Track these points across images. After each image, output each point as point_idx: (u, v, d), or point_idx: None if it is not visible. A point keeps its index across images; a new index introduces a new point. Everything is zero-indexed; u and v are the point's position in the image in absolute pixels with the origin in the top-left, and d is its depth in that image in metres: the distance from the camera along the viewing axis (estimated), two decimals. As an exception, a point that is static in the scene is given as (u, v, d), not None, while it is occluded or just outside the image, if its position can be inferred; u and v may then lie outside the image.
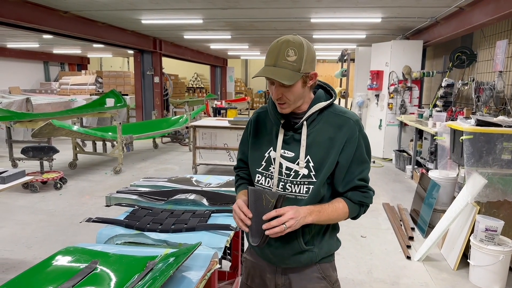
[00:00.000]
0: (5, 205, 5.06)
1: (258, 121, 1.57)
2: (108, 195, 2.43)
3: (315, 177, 1.42)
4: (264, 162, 1.49)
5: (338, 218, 1.47)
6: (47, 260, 1.62)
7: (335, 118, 1.45)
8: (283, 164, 1.45)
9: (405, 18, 6.91)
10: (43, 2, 6.20)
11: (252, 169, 1.54)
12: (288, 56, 1.33)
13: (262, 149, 1.51)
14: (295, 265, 1.52)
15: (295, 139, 1.45)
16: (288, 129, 1.46)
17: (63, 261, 1.61)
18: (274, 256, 1.52)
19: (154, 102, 11.03)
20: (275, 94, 1.38)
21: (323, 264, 1.55)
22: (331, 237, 1.56)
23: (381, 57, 8.09)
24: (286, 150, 1.46)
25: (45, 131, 5.73)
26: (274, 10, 6.61)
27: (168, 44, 11.58)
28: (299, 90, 1.39)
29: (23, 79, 15.25)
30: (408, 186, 6.16)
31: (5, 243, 3.88)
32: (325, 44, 11.51)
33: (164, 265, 1.50)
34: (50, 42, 11.70)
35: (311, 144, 1.42)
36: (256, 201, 1.35)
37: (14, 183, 2.95)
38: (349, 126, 1.42)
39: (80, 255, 1.64)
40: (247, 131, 1.61)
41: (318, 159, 1.42)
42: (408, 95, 7.87)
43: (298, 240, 1.47)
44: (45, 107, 9.88)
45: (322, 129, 1.43)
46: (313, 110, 1.44)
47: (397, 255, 3.74)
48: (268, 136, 1.51)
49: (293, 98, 1.39)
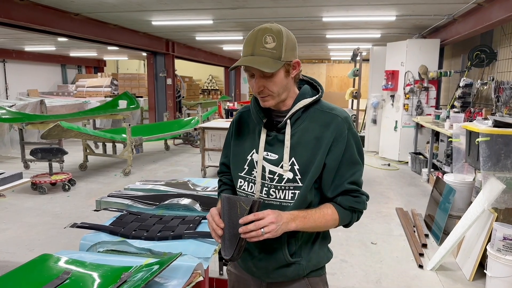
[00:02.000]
0: (14, 207, 5.07)
1: (240, 121, 1.43)
2: (98, 199, 2.34)
3: (300, 181, 1.28)
4: (247, 166, 1.36)
5: (326, 226, 1.32)
6: (20, 268, 1.53)
7: (321, 115, 1.31)
8: (266, 168, 1.32)
9: (421, 16, 6.67)
10: (54, 4, 6.23)
11: (234, 174, 1.41)
12: (266, 43, 1.20)
13: (245, 152, 1.37)
14: (281, 279, 1.38)
15: (278, 139, 1.31)
16: (271, 129, 1.32)
17: (35, 271, 1.51)
18: (257, 269, 1.39)
19: (167, 104, 11.03)
20: (256, 86, 1.25)
21: (312, 279, 1.40)
22: (321, 247, 1.41)
23: (396, 57, 7.84)
24: (269, 152, 1.32)
25: (54, 132, 5.74)
26: (284, 9, 6.47)
27: (181, 46, 11.57)
28: (282, 81, 1.26)
29: (42, 81, 15.51)
30: (423, 190, 5.91)
31: (8, 245, 3.85)
32: (339, 44, 11.29)
33: (138, 278, 1.38)
34: (65, 45, 11.84)
35: (295, 145, 1.29)
36: (230, 209, 1.22)
37: (9, 186, 2.90)
38: (337, 124, 1.28)
39: (54, 264, 1.55)
40: (229, 133, 1.47)
41: (304, 161, 1.28)
42: (425, 96, 7.60)
43: (283, 251, 1.33)
44: (59, 109, 10.00)
45: (308, 128, 1.30)
46: (298, 107, 1.30)
47: (409, 264, 3.55)
48: (251, 138, 1.37)
49: (276, 89, 1.26)
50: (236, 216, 1.20)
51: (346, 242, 4.01)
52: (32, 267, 1.54)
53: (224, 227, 1.23)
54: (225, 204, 1.23)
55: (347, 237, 4.13)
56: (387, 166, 7.60)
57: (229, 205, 1.22)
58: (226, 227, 1.23)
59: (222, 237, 1.24)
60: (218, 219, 1.24)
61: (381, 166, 7.61)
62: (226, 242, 1.23)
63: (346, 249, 3.84)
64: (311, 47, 12.42)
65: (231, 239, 1.22)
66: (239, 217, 1.18)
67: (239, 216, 1.19)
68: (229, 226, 1.22)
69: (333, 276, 3.32)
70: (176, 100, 11.30)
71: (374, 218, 4.73)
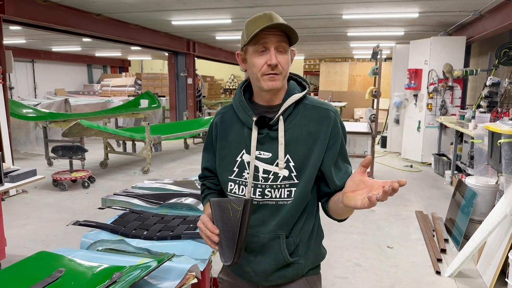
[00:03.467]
0: (35, 202, 5.21)
1: (223, 122, 1.37)
2: (104, 197, 2.35)
3: (296, 178, 1.25)
4: (237, 168, 1.30)
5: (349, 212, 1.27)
6: (17, 264, 1.54)
7: (312, 110, 1.28)
8: (259, 168, 1.27)
9: (445, 12, 6.43)
10: (75, 5, 6.36)
11: (222, 178, 1.35)
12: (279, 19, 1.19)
13: (232, 154, 1.31)
14: (280, 282, 1.33)
15: (270, 137, 1.26)
16: (261, 127, 1.27)
17: (30, 268, 1.51)
18: (255, 274, 1.33)
19: (187, 103, 11.11)
20: (274, 58, 1.19)
21: (310, 277, 1.36)
22: (317, 245, 1.38)
23: (419, 55, 7.60)
24: (262, 151, 1.27)
25: (75, 130, 5.86)
26: (302, 7, 6.38)
27: (202, 45, 11.63)
28: (289, 64, 1.25)
29: (68, 81, 15.95)
30: (446, 193, 5.70)
31: (26, 240, 3.95)
32: (362, 42, 11.07)
33: (128, 278, 1.36)
34: (90, 45, 12.12)
35: (289, 141, 1.25)
36: (222, 213, 1.17)
37: (24, 182, 2.96)
38: (330, 118, 1.27)
39: (50, 262, 1.55)
40: (210, 136, 1.41)
41: (299, 157, 1.24)
42: (449, 95, 7.33)
43: (282, 252, 1.28)
44: (83, 107, 10.25)
45: (300, 124, 1.26)
46: (290, 101, 1.26)
47: (426, 269, 3.41)
48: (238, 138, 1.31)
49: (286, 68, 1.24)
50: (229, 219, 1.15)
51: (361, 245, 3.90)
52: (28, 264, 1.55)
53: (219, 234, 1.18)
54: (216, 209, 1.18)
55: (363, 240, 4.02)
56: (409, 167, 7.39)
57: (220, 209, 1.17)
58: (221, 232, 1.17)
59: (219, 244, 1.18)
60: (211, 226, 1.18)
61: (403, 167, 7.40)
62: (224, 248, 1.18)
63: (360, 252, 3.74)
64: (333, 46, 12.24)
65: (229, 243, 1.17)
66: (233, 220, 1.14)
67: (232, 218, 1.14)
68: (224, 230, 1.17)
69: (345, 280, 3.23)
70: (196, 99, 11.36)
71: (392, 221, 4.59)
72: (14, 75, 12.60)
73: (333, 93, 15.35)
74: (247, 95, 1.36)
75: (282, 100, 1.29)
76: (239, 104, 1.32)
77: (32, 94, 14.00)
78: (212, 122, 1.41)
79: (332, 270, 3.38)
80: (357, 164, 4.70)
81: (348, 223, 4.47)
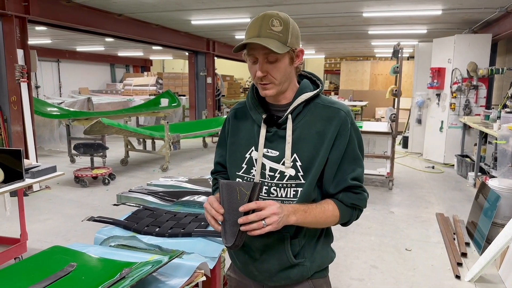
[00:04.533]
0: (57, 198, 5.35)
1: (236, 118, 1.38)
2: (119, 193, 2.39)
3: (303, 178, 1.23)
4: (245, 164, 1.30)
5: (326, 222, 1.26)
6: (32, 258, 1.59)
7: (323, 110, 1.25)
8: (266, 165, 1.26)
9: (469, 9, 6.24)
10: (97, 5, 6.49)
11: (231, 173, 1.36)
12: (273, 26, 1.16)
13: (242, 150, 1.32)
14: (284, 282, 1.32)
15: (279, 135, 1.26)
16: (271, 125, 1.26)
17: (44, 261, 1.55)
18: (259, 272, 1.33)
19: (206, 102, 11.18)
20: (260, 70, 1.19)
21: (316, 280, 1.34)
22: (324, 247, 1.35)
23: (443, 53, 7.42)
24: (270, 149, 1.27)
25: (96, 128, 5.98)
26: (322, 5, 6.32)
27: (221, 45, 11.68)
28: (286, 68, 1.21)
29: (92, 80, 16.30)
30: (469, 195, 5.53)
31: (47, 235, 4.06)
32: (384, 41, 10.87)
33: (138, 274, 1.37)
34: (113, 45, 12.35)
35: (297, 141, 1.23)
36: (230, 195, 1.15)
37: (44, 178, 3.03)
38: (340, 118, 1.23)
39: (63, 256, 1.58)
40: (224, 131, 1.42)
41: (306, 157, 1.23)
42: (474, 95, 7.12)
43: (286, 253, 1.27)
44: (105, 106, 10.47)
45: (309, 123, 1.24)
46: (299, 101, 1.25)
47: (445, 273, 3.32)
48: (249, 135, 1.32)
49: (279, 76, 1.20)
50: (236, 202, 1.14)
51: (378, 247, 3.83)
52: (42, 257, 1.59)
53: (223, 214, 1.16)
54: (224, 190, 1.16)
55: (380, 242, 3.95)
56: (431, 168, 7.22)
57: (228, 191, 1.16)
58: (226, 214, 1.16)
59: (222, 224, 1.17)
60: (217, 205, 1.17)
61: (425, 168, 7.24)
62: (227, 230, 1.17)
63: (377, 255, 3.67)
64: (354, 44, 12.08)
65: (232, 226, 1.15)
66: (239, 203, 1.13)
67: (239, 202, 1.13)
68: (229, 212, 1.15)
69: (361, 282, 3.18)
70: (215, 98, 11.43)
71: (411, 223, 4.49)
72: (40, 74, 12.99)
73: (354, 92, 15.15)
74: None
75: (292, 99, 1.27)
76: (250, 101, 1.33)
77: (57, 93, 14.39)
78: (227, 117, 1.43)
79: (347, 272, 3.33)
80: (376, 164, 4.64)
81: (366, 224, 4.40)
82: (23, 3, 5.24)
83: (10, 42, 5.11)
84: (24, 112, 5.36)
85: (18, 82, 5.19)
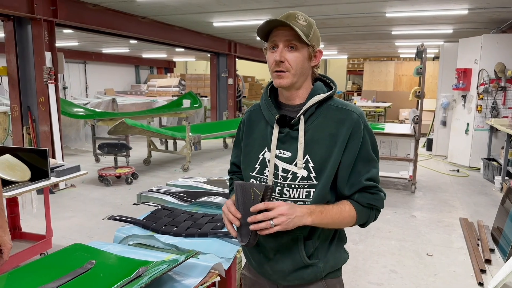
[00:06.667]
0: (82, 196, 5.51)
1: (250, 120, 1.41)
2: (139, 193, 2.44)
3: (315, 179, 1.24)
4: (258, 165, 1.33)
5: (342, 223, 1.27)
6: (54, 254, 1.64)
7: (336, 112, 1.26)
8: (278, 166, 1.28)
9: (497, 8, 6.05)
10: (122, 8, 6.64)
11: (245, 174, 1.38)
12: (298, 20, 1.20)
13: (256, 151, 1.34)
14: (297, 282, 1.33)
15: (291, 136, 1.27)
16: (283, 126, 1.28)
17: (65, 258, 1.60)
18: (274, 272, 1.34)
19: (227, 103, 11.26)
20: (278, 55, 1.21)
21: (329, 280, 1.34)
22: (338, 249, 1.36)
23: (469, 54, 7.22)
24: (282, 150, 1.28)
25: (120, 129, 6.12)
26: (344, 5, 6.26)
27: (243, 46, 11.74)
28: (304, 61, 1.24)
29: (117, 81, 16.70)
30: (495, 200, 5.37)
31: (71, 232, 4.19)
32: (408, 41, 10.66)
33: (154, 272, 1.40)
34: (137, 47, 12.60)
35: (309, 142, 1.25)
36: (244, 196, 1.19)
37: (68, 177, 3.13)
38: (352, 120, 1.24)
39: (83, 254, 1.63)
40: (239, 132, 1.46)
41: (319, 158, 1.24)
42: (501, 96, 6.90)
43: (300, 253, 1.28)
44: (129, 107, 10.70)
45: (322, 125, 1.25)
46: (312, 102, 1.26)
47: (467, 280, 3.24)
48: (262, 136, 1.34)
49: (295, 66, 1.22)
50: (250, 202, 1.18)
51: (398, 252, 3.77)
52: (64, 254, 1.64)
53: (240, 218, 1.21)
54: (239, 191, 1.21)
55: (401, 247, 3.89)
56: (456, 172, 7.04)
57: (243, 192, 1.20)
58: (242, 213, 1.21)
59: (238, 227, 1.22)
60: (234, 210, 1.21)
61: (449, 171, 7.07)
62: (242, 229, 1.21)
63: (397, 259, 3.61)
64: (378, 44, 11.90)
65: (246, 225, 1.20)
66: (253, 203, 1.17)
67: (252, 202, 1.17)
68: (244, 212, 1.20)
69: (380, 286, 3.14)
70: (236, 99, 11.49)
71: (434, 227, 4.39)
72: (67, 75, 13.39)
73: (378, 93, 14.92)
74: (274, 95, 1.38)
75: (305, 100, 1.29)
76: (264, 102, 1.36)
77: (84, 94, 14.80)
78: (242, 119, 1.46)
79: (366, 276, 3.29)
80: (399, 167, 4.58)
81: (387, 228, 4.34)
82: (51, 7, 5.43)
83: (39, 45, 5.30)
84: (52, 113, 5.54)
85: (46, 83, 5.38)
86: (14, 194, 2.69)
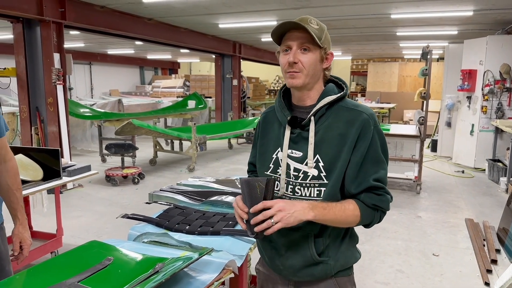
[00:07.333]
0: (89, 196, 5.56)
1: (266, 121, 1.47)
2: (151, 192, 2.48)
3: (326, 178, 1.28)
4: (272, 164, 1.38)
5: (346, 221, 1.29)
6: (71, 252, 1.69)
7: (346, 112, 1.30)
8: (290, 165, 1.33)
9: (503, 9, 6.06)
10: (129, 10, 6.70)
11: (260, 172, 1.44)
12: (311, 23, 1.26)
13: (270, 151, 1.40)
14: (308, 279, 1.37)
15: (303, 137, 1.31)
16: (295, 126, 1.33)
17: (83, 255, 1.65)
18: (284, 267, 1.39)
19: (232, 104, 11.31)
20: (292, 56, 1.26)
21: (340, 278, 1.38)
22: (349, 247, 1.39)
23: (474, 55, 7.23)
24: (294, 150, 1.33)
25: (127, 129, 6.18)
26: (349, 7, 6.30)
27: (247, 47, 11.79)
28: (316, 63, 1.29)
29: (122, 82, 16.79)
30: (500, 200, 5.38)
31: (80, 231, 4.24)
32: (412, 42, 10.68)
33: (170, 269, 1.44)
34: (143, 48, 12.68)
35: (320, 142, 1.29)
36: (251, 191, 1.24)
37: (79, 177, 3.18)
38: (362, 121, 1.27)
39: (100, 251, 1.67)
40: (256, 134, 1.52)
41: (329, 158, 1.28)
42: (507, 97, 6.91)
43: (310, 250, 1.32)
44: (135, 107, 10.77)
45: (332, 125, 1.29)
46: (322, 103, 1.30)
47: (473, 280, 3.26)
48: (276, 136, 1.39)
49: (308, 67, 1.27)
50: (256, 196, 1.23)
51: (405, 252, 3.80)
52: (81, 251, 1.69)
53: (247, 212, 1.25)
54: (245, 187, 1.25)
55: (407, 247, 3.91)
56: (461, 173, 7.04)
57: (249, 187, 1.24)
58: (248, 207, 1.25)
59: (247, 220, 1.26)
60: (242, 204, 1.25)
61: (454, 172, 7.08)
62: (251, 223, 1.25)
63: (404, 259, 3.64)
64: (382, 45, 11.92)
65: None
66: (259, 197, 1.21)
67: (258, 195, 1.22)
68: (250, 206, 1.24)
69: (386, 286, 3.17)
70: (241, 100, 11.53)
71: (439, 228, 4.41)
72: (73, 76, 13.48)
73: (382, 94, 14.93)
74: (288, 97, 1.43)
75: (316, 101, 1.33)
76: (278, 104, 1.41)
77: (89, 95, 14.89)
78: (258, 121, 1.52)
79: (373, 275, 3.32)
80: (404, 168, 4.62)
81: (393, 228, 4.36)
82: (60, 9, 5.49)
83: (48, 47, 5.36)
84: (60, 113, 5.60)
85: (54, 84, 5.44)
86: (28, 193, 2.74)
